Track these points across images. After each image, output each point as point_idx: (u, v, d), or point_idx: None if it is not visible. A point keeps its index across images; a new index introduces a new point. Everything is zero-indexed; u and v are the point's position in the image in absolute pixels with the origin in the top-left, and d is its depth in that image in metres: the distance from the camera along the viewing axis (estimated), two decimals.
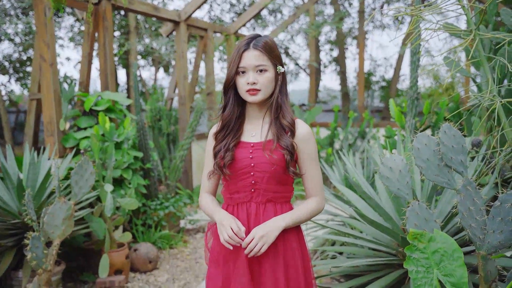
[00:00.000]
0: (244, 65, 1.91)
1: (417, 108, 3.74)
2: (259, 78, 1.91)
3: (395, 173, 2.13)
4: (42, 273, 3.08)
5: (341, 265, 2.78)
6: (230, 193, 2.03)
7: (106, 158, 4.31)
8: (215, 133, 2.05)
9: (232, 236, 1.83)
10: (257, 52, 1.90)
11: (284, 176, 1.95)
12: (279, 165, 1.91)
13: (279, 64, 1.96)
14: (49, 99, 4.57)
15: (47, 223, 3.05)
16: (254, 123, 2.03)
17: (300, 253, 2.01)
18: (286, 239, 1.97)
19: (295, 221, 1.95)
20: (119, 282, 3.98)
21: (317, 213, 2.03)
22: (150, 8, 6.28)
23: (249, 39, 1.94)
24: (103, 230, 4.00)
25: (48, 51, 4.54)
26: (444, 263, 1.90)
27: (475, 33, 2.61)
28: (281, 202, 2.00)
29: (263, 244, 1.83)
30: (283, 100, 1.98)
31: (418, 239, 1.97)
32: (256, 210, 1.96)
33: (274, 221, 1.90)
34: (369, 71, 14.06)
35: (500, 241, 1.94)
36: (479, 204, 1.99)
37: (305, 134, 1.97)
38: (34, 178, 3.55)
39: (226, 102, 2.01)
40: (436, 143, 2.01)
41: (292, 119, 1.97)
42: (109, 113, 4.91)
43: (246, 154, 1.96)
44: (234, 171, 1.97)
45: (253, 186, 1.96)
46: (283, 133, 1.93)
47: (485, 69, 2.66)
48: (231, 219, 1.89)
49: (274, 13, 16.81)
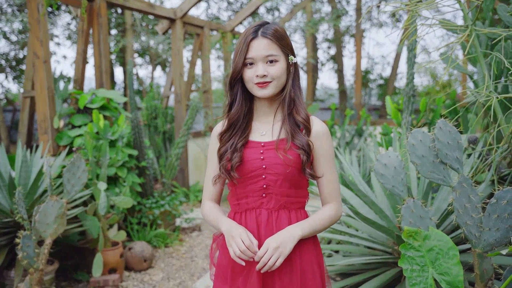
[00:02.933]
0: (252, 56, 1.69)
1: (413, 105, 3.70)
2: (270, 69, 1.70)
3: (390, 170, 2.10)
4: (34, 273, 3.04)
5: (335, 263, 2.75)
6: (238, 198, 1.80)
7: (100, 156, 4.27)
8: (220, 133, 1.82)
9: (244, 251, 1.61)
10: (266, 40, 1.69)
11: (299, 179, 1.75)
12: (294, 166, 1.70)
13: (290, 53, 1.76)
14: (43, 97, 4.52)
15: (39, 221, 3.01)
16: (264, 121, 1.82)
17: (318, 266, 1.79)
18: (303, 250, 1.75)
19: (313, 230, 1.73)
20: (113, 281, 3.94)
21: (335, 221, 1.81)
22: (145, 5, 6.23)
23: (257, 26, 1.72)
24: (97, 228, 3.96)
25: (41, 48, 4.49)
26: (440, 261, 1.87)
27: (471, 28, 2.58)
28: (296, 208, 1.78)
29: (278, 257, 1.61)
30: (296, 93, 1.78)
31: (413, 237, 1.93)
32: (267, 218, 1.74)
33: (289, 230, 1.67)
34: (367, 69, 14.03)
35: (496, 239, 1.92)
36: (475, 202, 1.96)
37: (321, 132, 1.76)
38: (26, 176, 3.51)
39: (232, 98, 1.80)
40: (431, 139, 1.98)
41: (307, 114, 1.77)
42: (104, 111, 4.87)
43: (256, 154, 1.75)
44: (243, 174, 1.75)
45: (264, 191, 1.74)
46: (298, 130, 1.74)
47: (481, 65, 2.63)
48: (241, 230, 1.66)
49: (272, 11, 16.78)
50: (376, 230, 2.75)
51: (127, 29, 11.52)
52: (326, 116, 12.75)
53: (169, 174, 5.76)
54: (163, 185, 5.87)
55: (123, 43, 10.58)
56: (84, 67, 5.48)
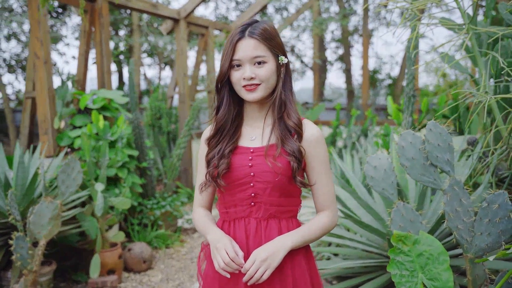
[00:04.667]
0: (239, 57, 1.61)
1: (413, 105, 3.64)
2: (258, 71, 1.61)
3: (380, 172, 2.05)
4: (28, 274, 3.04)
5: (328, 267, 2.70)
6: (226, 207, 1.73)
7: (100, 157, 4.26)
8: (207, 138, 1.75)
9: (228, 263, 1.54)
10: (253, 41, 1.60)
11: (289, 187, 1.66)
12: (284, 174, 1.62)
13: (281, 53, 1.66)
14: (43, 97, 4.53)
15: (33, 223, 3.01)
16: (254, 125, 1.74)
17: (310, 277, 1.72)
18: (294, 261, 1.67)
19: (305, 240, 1.65)
20: (111, 282, 3.93)
21: (330, 230, 1.73)
22: (148, 5, 6.22)
23: (245, 26, 1.64)
24: (96, 229, 3.95)
25: (41, 48, 4.49)
26: (429, 267, 1.82)
27: (467, 27, 2.52)
28: (286, 217, 1.70)
29: (265, 270, 1.53)
30: (287, 96, 1.68)
31: (403, 241, 1.88)
32: (256, 228, 1.66)
33: (279, 241, 1.60)
34: (375, 69, 13.93)
35: (488, 244, 1.86)
36: (466, 205, 1.91)
37: (314, 137, 1.67)
38: (23, 177, 3.51)
39: (219, 101, 1.72)
40: (421, 141, 1.93)
41: (299, 118, 1.67)
42: (104, 111, 4.87)
43: (244, 161, 1.67)
44: (230, 182, 1.67)
45: (253, 199, 1.66)
46: (289, 135, 1.65)
47: (479, 65, 2.57)
48: (226, 241, 1.60)
49: (280, 11, 16.74)
50: (370, 233, 2.69)
51: (134, 29, 11.56)
52: (333, 116, 12.68)
53: (171, 174, 5.74)
54: (164, 185, 5.86)
55: (130, 42, 10.61)
56: (86, 68, 5.49)
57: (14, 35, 12.33)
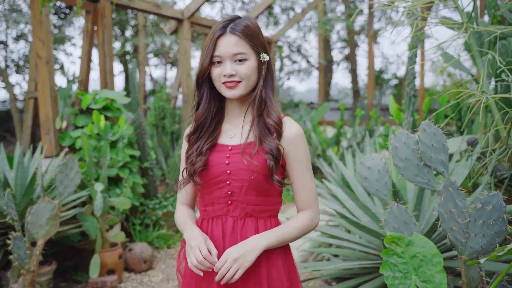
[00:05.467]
0: (219, 54, 1.59)
1: (414, 105, 3.61)
2: (238, 68, 1.59)
3: (374, 173, 2.03)
4: (26, 274, 3.04)
5: (325, 268, 2.68)
6: (205, 205, 1.72)
7: (101, 157, 4.26)
8: (187, 135, 1.74)
9: (201, 261, 1.54)
10: (234, 37, 1.59)
11: (267, 186, 1.63)
12: (260, 172, 1.59)
13: (262, 51, 1.65)
14: (45, 97, 4.54)
15: (31, 223, 3.01)
16: (234, 122, 1.72)
17: (288, 278, 1.69)
18: (271, 261, 1.65)
19: (280, 240, 1.62)
20: (111, 282, 3.93)
21: (309, 230, 1.70)
22: (151, 5, 6.22)
23: (227, 22, 1.62)
24: (96, 229, 3.95)
25: (43, 48, 4.50)
26: (423, 269, 1.80)
27: (466, 26, 2.49)
28: (264, 217, 1.68)
29: (237, 269, 1.52)
30: (268, 94, 1.66)
31: (396, 243, 1.86)
32: (233, 226, 1.65)
33: (253, 240, 1.58)
34: (381, 69, 13.86)
35: (482, 246, 1.84)
36: (461, 206, 1.88)
37: (294, 135, 1.64)
38: (23, 177, 3.52)
39: (199, 98, 1.71)
40: (415, 142, 1.90)
41: (279, 117, 1.65)
42: (106, 111, 4.87)
43: (222, 159, 1.66)
44: (207, 180, 1.67)
45: (229, 198, 1.65)
46: (267, 134, 1.62)
47: (477, 64, 2.54)
48: (200, 239, 1.59)
49: (287, 11, 16.72)
50: (367, 234, 2.67)
51: (140, 30, 11.59)
52: (338, 116, 12.64)
53: (173, 174, 5.74)
54: (166, 186, 5.86)
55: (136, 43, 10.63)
56: (89, 68, 5.51)
57: (22, 36, 12.41)
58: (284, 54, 16.52)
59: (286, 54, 17.06)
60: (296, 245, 4.94)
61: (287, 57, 17.14)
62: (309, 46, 31.93)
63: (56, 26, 13.31)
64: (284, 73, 17.40)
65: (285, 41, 17.41)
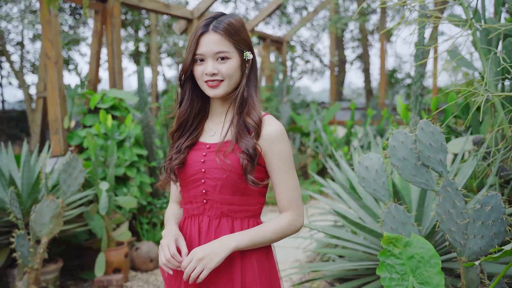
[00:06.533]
0: (201, 52, 1.57)
1: (421, 104, 3.56)
2: (220, 67, 1.57)
3: (371, 172, 1.99)
4: (30, 272, 3.07)
5: (323, 269, 2.66)
6: (185, 203, 1.70)
7: (108, 156, 4.29)
8: (170, 132, 1.73)
9: (169, 259, 1.53)
10: (217, 36, 1.56)
11: (243, 185, 1.59)
12: (233, 171, 1.56)
13: (246, 49, 1.62)
14: (54, 97, 4.58)
15: (35, 221, 3.03)
16: (216, 121, 1.70)
17: (267, 281, 1.64)
18: (246, 264, 1.60)
19: (254, 242, 1.57)
20: (117, 281, 3.94)
21: (290, 233, 1.63)
22: (161, 5, 6.25)
23: (210, 19, 1.59)
24: (102, 228, 3.98)
25: (52, 48, 4.55)
26: (421, 270, 1.77)
27: (470, 23, 2.45)
28: (242, 217, 1.63)
29: (202, 269, 1.48)
30: (250, 93, 1.64)
31: (393, 244, 1.83)
32: (208, 226, 1.62)
33: (222, 240, 1.54)
34: (394, 68, 13.73)
35: (481, 247, 1.80)
36: (460, 207, 1.85)
37: (272, 133, 1.59)
38: (29, 176, 3.55)
39: (182, 96, 1.68)
40: (412, 141, 1.87)
41: (259, 117, 1.61)
42: (114, 111, 4.90)
43: (198, 157, 1.64)
44: (184, 178, 1.66)
45: (204, 196, 1.62)
46: (245, 133, 1.59)
47: (483, 62, 2.50)
48: (170, 237, 1.59)
49: (300, 11, 16.68)
50: (368, 234, 2.64)
51: (152, 30, 11.65)
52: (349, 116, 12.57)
53: None
54: None
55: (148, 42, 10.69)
56: (98, 68, 5.54)
57: (38, 37, 12.56)
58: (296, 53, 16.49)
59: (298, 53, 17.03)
60: (303, 245, 4.91)
61: (299, 57, 17.10)
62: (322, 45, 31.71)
63: (72, 27, 13.46)
64: (297, 72, 17.38)
65: (298, 40, 17.39)
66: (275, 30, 22.72)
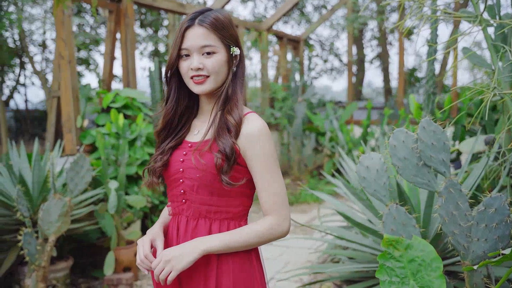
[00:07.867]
0: (186, 46, 1.52)
1: (434, 103, 3.47)
2: (206, 61, 1.51)
3: (372, 172, 1.94)
4: (38, 269, 3.09)
5: (326, 270, 2.61)
6: (169, 201, 1.68)
7: (119, 155, 4.31)
8: (156, 131, 1.68)
9: (142, 260, 1.53)
10: (202, 29, 1.51)
11: (220, 186, 1.52)
12: (208, 171, 1.50)
13: (233, 44, 1.57)
14: (67, 97, 4.62)
15: (42, 219, 3.05)
16: (202, 119, 1.65)
17: (247, 285, 1.57)
18: (223, 268, 1.54)
19: (228, 246, 1.50)
20: (127, 280, 3.95)
21: (272, 237, 1.54)
22: (175, 5, 6.26)
23: (195, 14, 1.54)
24: (112, 227, 3.99)
25: (65, 48, 4.59)
26: (422, 273, 1.72)
27: (480, 18, 2.37)
28: (221, 219, 1.57)
29: (170, 271, 1.43)
30: (235, 90, 1.58)
31: (394, 246, 1.78)
32: (186, 226, 1.58)
33: (192, 243, 1.49)
34: (414, 67, 13.52)
35: (485, 251, 1.73)
36: (463, 209, 1.78)
37: (252, 132, 1.52)
38: (39, 175, 3.58)
39: (168, 94, 1.63)
40: (413, 140, 1.81)
41: (240, 115, 1.54)
42: (126, 110, 4.92)
43: (179, 157, 1.60)
44: (167, 177, 1.63)
45: (183, 196, 1.58)
46: (225, 131, 1.52)
47: (492, 58, 2.42)
48: (146, 238, 1.58)
49: (319, 9, 16.57)
50: (371, 235, 2.58)
51: (170, 30, 11.70)
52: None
53: None
54: None
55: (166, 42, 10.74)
56: (112, 67, 5.58)
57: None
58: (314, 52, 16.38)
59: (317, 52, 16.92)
60: (315, 246, 4.87)
61: (317, 56, 16.99)
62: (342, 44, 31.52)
63: (92, 28, 13.61)
64: (315, 71, 17.27)
65: (317, 39, 17.28)
66: (294, 29, 22.61)
